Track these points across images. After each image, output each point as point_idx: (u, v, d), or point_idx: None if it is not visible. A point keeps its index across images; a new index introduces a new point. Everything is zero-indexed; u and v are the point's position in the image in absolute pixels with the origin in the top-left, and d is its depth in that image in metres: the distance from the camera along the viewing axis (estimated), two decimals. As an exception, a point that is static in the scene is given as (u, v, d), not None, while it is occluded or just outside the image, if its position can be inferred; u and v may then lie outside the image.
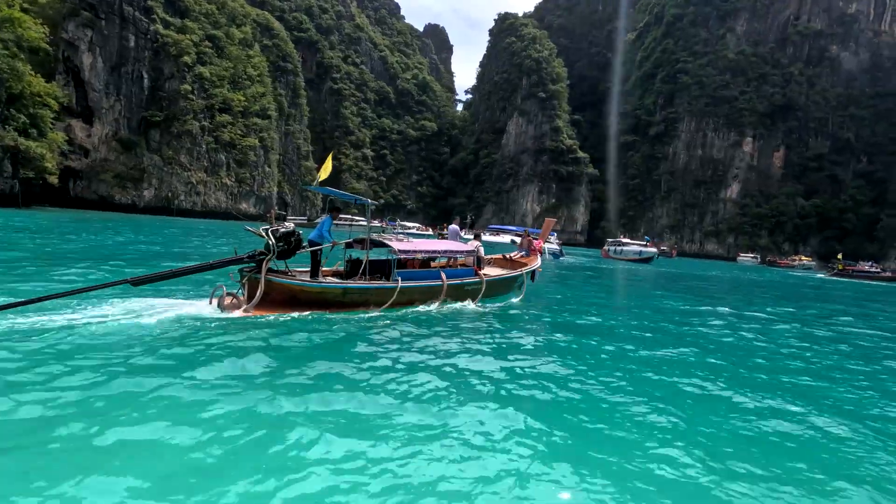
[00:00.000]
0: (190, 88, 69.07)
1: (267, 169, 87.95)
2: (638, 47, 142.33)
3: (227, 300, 8.28)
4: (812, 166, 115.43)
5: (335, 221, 10.29)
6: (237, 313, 8.10)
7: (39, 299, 6.82)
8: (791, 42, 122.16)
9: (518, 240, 20.83)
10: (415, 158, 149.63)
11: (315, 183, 10.33)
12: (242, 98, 78.42)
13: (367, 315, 9.13)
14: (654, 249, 49.56)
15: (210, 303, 8.42)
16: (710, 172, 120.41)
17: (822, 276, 65.87)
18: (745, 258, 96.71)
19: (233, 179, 77.93)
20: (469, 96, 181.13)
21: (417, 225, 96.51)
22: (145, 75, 65.73)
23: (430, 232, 74.47)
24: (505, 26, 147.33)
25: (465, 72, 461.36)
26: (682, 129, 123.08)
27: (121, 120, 63.76)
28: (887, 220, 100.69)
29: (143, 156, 65.09)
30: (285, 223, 8.94)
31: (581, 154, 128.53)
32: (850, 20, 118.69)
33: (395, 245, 10.20)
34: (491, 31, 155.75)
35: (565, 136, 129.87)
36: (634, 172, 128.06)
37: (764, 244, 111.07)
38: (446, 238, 14.76)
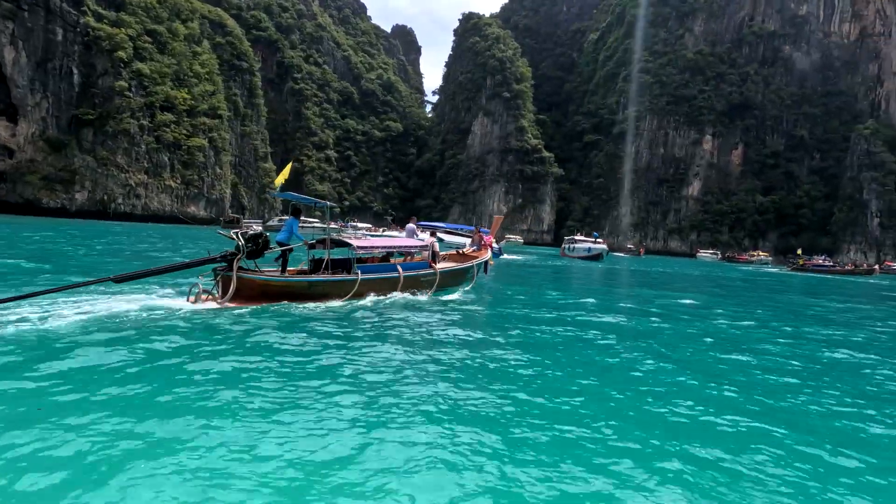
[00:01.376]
0: (127, 85, 65.38)
1: (218, 170, 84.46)
2: (601, 47, 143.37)
3: (204, 296, 9.29)
4: (769, 163, 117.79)
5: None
6: (213, 307, 8.98)
7: (19, 297, 7.20)
8: (746, 42, 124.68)
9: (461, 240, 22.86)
10: (381, 160, 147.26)
11: (276, 189, 11.54)
12: (188, 96, 74.96)
13: (331, 304, 10.16)
14: (602, 246, 48.60)
15: (188, 299, 9.27)
16: (672, 170, 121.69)
17: (776, 270, 66.41)
18: (705, 254, 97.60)
19: (178, 181, 74.31)
20: (437, 97, 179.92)
21: (368, 225, 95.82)
22: (75, 71, 61.84)
23: (392, 232, 72.93)
24: (469, 26, 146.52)
25: (437, 74, 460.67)
26: (644, 127, 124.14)
27: (48, 118, 59.79)
28: (839, 215, 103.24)
29: (73, 156, 61.15)
30: (253, 227, 9.99)
31: (546, 154, 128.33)
32: (802, 21, 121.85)
33: (355, 243, 11.62)
34: (455, 32, 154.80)
35: (530, 135, 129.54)
36: (599, 171, 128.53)
37: (725, 240, 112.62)
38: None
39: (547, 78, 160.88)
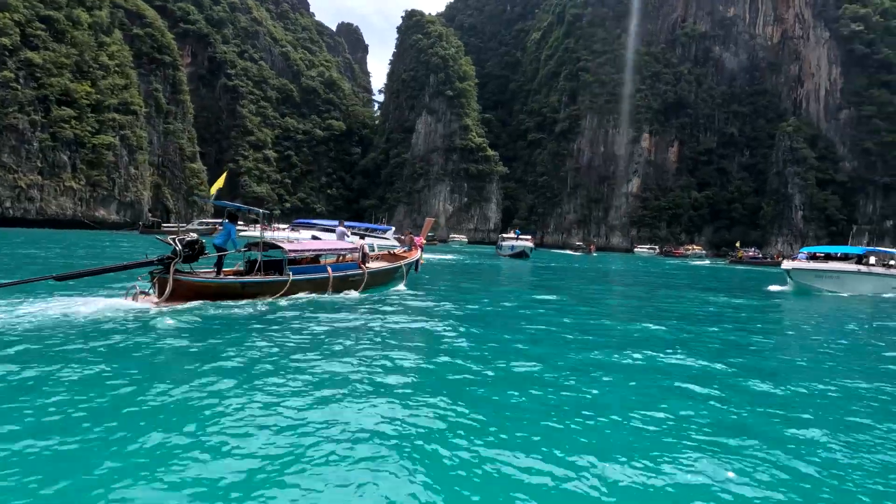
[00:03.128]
0: (13, 76, 58.82)
1: (133, 170, 78.13)
2: (543, 46, 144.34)
3: (141, 297, 9.93)
4: (703, 160, 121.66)
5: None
6: (150, 307, 9.41)
7: None
8: (679, 43, 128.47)
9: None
10: (323, 159, 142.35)
11: (211, 197, 12.49)
12: (91, 89, 68.59)
13: (264, 302, 10.78)
14: (525, 243, 47.00)
15: (126, 299, 9.79)
16: (612, 168, 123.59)
17: (708, 262, 67.61)
18: (642, 249, 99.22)
19: (82, 182, 67.87)
20: (383, 96, 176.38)
21: (286, 226, 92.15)
22: (-52, 59, 54.96)
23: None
24: (412, 23, 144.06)
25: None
26: (585, 125, 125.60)
27: (-86, 112, 52.71)
28: (767, 209, 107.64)
29: (-53, 155, 54.28)
30: (191, 234, 10.68)
31: (491, 152, 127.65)
32: (730, 23, 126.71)
33: (286, 246, 12.41)
34: (399, 29, 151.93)
35: (475, 134, 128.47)
36: (543, 170, 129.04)
37: (663, 235, 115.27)
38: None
39: (493, 77, 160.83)
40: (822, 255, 24.14)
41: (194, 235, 10.53)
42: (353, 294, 13.04)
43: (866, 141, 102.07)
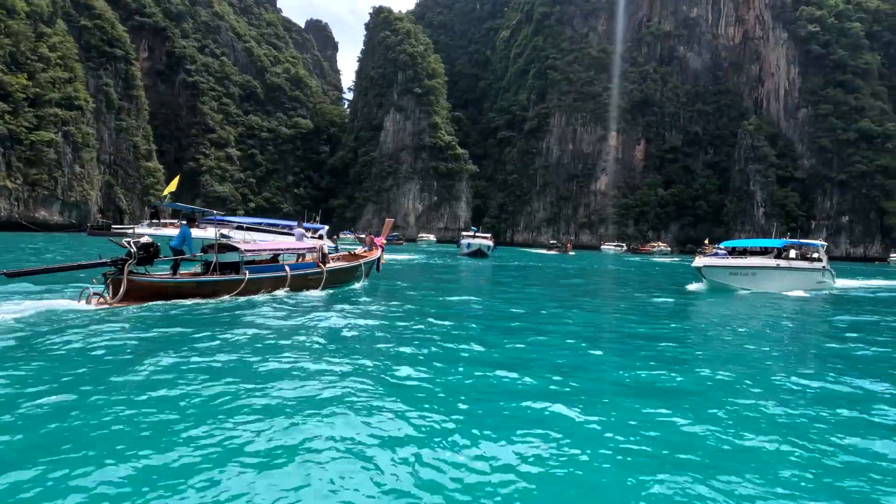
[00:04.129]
0: (-63, 67, 54.63)
1: (78, 169, 74.06)
2: (512, 44, 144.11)
3: (95, 298, 9.85)
4: (669, 158, 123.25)
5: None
6: (104, 307, 9.60)
7: None
8: (645, 42, 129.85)
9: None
10: (290, 158, 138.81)
11: (166, 199, 13.47)
12: (28, 82, 64.49)
13: (222, 300, 11.17)
14: (482, 241, 45.32)
15: (79, 301, 9.75)
16: (580, 166, 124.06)
17: (677, 259, 67.85)
18: (608, 247, 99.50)
19: (19, 182, 63.78)
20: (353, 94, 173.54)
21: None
22: None
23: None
24: (380, 20, 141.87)
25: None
26: (554, 124, 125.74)
27: None
28: (730, 206, 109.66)
29: None
30: (145, 236, 10.86)
31: (460, 150, 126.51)
32: (693, 23, 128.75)
33: (242, 246, 12.69)
34: (367, 26, 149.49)
35: (444, 132, 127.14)
36: (512, 168, 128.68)
37: (631, 233, 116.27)
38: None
39: (463, 75, 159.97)
40: (742, 249, 22.16)
41: (149, 238, 10.72)
42: (314, 292, 13.39)
43: (823, 139, 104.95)
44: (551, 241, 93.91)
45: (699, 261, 20.37)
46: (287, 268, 13.13)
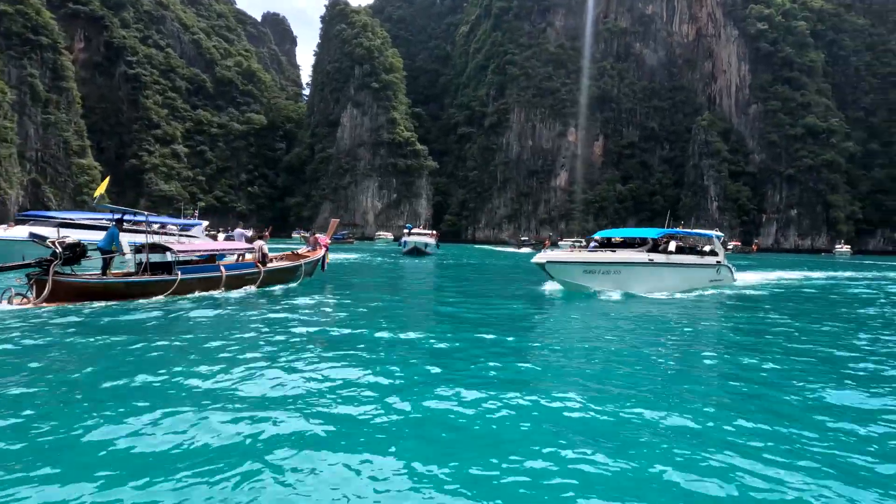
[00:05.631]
0: None
1: (-6, 166, 67.94)
2: (471, 40, 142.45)
3: (17, 299, 9.90)
4: (626, 153, 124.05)
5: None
6: (29, 307, 9.66)
7: None
8: (602, 38, 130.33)
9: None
10: (243, 155, 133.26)
11: (95, 201, 12.52)
12: (-72, 70, 58.37)
13: (154, 300, 11.24)
14: (419, 239, 41.65)
15: (1, 302, 9.80)
16: (540, 162, 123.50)
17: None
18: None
19: (-81, 179, 57.67)
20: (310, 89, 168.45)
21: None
22: None
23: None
24: (335, 13, 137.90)
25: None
26: (514, 119, 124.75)
27: None
28: (685, 200, 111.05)
29: None
30: (71, 236, 10.92)
31: (420, 146, 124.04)
32: (648, 20, 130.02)
33: (175, 247, 12.75)
34: (323, 19, 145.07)
35: (402, 128, 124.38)
36: (473, 164, 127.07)
37: (591, 228, 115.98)
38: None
39: (423, 71, 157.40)
40: (620, 240, 17.21)
41: (76, 239, 10.78)
42: (252, 289, 13.69)
43: (772, 134, 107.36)
44: (522, 238, 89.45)
45: (542, 256, 15.18)
46: (222, 268, 13.31)
